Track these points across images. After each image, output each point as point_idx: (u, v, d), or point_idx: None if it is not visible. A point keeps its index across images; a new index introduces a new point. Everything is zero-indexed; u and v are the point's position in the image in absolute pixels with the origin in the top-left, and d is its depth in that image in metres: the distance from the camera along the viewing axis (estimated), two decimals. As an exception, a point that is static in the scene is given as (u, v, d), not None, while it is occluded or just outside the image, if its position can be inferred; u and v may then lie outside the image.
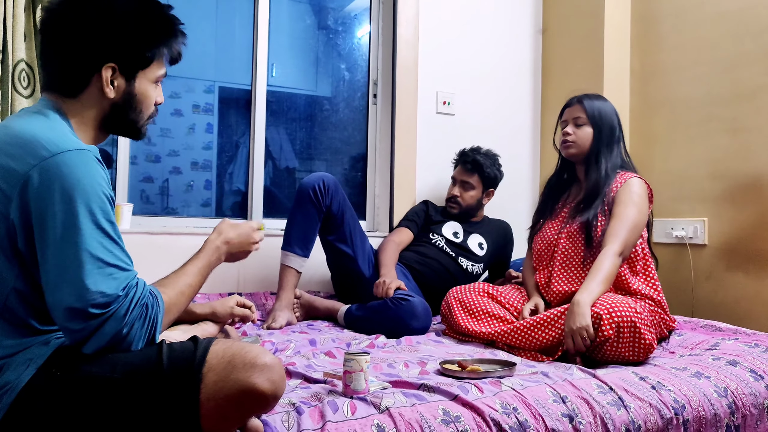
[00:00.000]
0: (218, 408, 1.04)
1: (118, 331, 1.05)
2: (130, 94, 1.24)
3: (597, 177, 2.17)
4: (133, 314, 1.07)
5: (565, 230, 2.20)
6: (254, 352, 1.07)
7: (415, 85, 3.12)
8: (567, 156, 2.26)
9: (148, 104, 1.28)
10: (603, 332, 1.78)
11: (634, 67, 3.15)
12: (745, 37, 2.66)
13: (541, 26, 3.49)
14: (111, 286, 1.04)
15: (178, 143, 4.31)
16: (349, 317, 2.38)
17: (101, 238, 1.05)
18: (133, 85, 1.24)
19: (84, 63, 1.19)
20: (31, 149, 1.06)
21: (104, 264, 1.05)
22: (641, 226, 2.09)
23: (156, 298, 1.14)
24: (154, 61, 1.25)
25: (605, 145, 2.20)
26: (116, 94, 1.22)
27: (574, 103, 2.27)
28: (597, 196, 2.14)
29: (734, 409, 1.62)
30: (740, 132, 2.67)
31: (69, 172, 1.04)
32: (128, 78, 1.23)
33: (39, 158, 1.04)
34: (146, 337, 1.11)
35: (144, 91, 1.26)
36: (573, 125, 2.24)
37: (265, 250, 2.72)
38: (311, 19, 3.60)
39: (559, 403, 1.42)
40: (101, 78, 1.19)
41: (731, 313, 2.62)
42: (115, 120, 1.25)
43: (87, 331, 1.04)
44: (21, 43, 2.18)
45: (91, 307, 1.02)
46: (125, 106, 1.25)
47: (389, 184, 3.09)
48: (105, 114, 1.24)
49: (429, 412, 1.28)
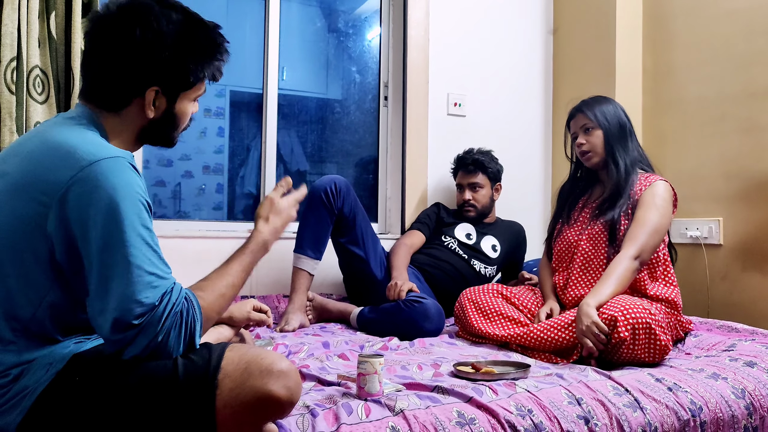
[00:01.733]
0: (234, 415, 1.04)
1: (152, 339, 1.04)
2: (171, 113, 1.25)
3: (618, 175, 2.15)
4: (167, 323, 1.06)
5: (587, 232, 2.18)
6: (270, 359, 1.07)
7: (425, 86, 3.12)
8: (591, 166, 2.24)
9: (185, 120, 1.30)
10: (618, 334, 1.77)
11: (646, 66, 3.13)
12: (759, 35, 2.64)
13: (552, 26, 3.48)
14: (150, 295, 1.04)
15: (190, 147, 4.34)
16: (362, 319, 2.38)
17: (141, 245, 1.05)
18: (175, 106, 1.25)
19: (129, 85, 1.19)
20: (69, 160, 1.06)
21: (145, 273, 1.04)
22: (663, 230, 2.06)
23: (192, 304, 1.12)
24: (198, 83, 1.26)
25: (618, 142, 2.18)
26: (156, 113, 1.23)
27: (576, 113, 2.26)
28: (621, 195, 2.12)
29: (752, 410, 1.60)
30: (754, 131, 2.64)
31: (106, 180, 1.04)
32: (170, 99, 1.24)
33: (76, 169, 1.05)
34: (184, 344, 1.09)
35: (184, 110, 1.28)
36: (583, 134, 2.22)
37: (278, 253, 2.73)
38: (321, 22, 3.61)
39: (575, 405, 1.41)
40: (144, 99, 1.20)
41: (747, 313, 2.59)
42: (151, 134, 1.27)
43: (125, 341, 1.03)
44: (35, 49, 2.20)
45: (134, 318, 1.02)
46: (164, 124, 1.26)
47: (401, 186, 3.09)
48: (143, 129, 1.25)
49: (443, 414, 1.28)
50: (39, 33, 2.22)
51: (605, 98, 2.28)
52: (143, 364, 1.07)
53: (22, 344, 1.08)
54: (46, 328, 1.09)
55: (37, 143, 1.13)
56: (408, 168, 3.06)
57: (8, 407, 1.05)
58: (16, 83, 2.15)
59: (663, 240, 2.10)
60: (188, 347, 1.10)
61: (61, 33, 2.28)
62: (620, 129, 2.20)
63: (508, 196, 3.11)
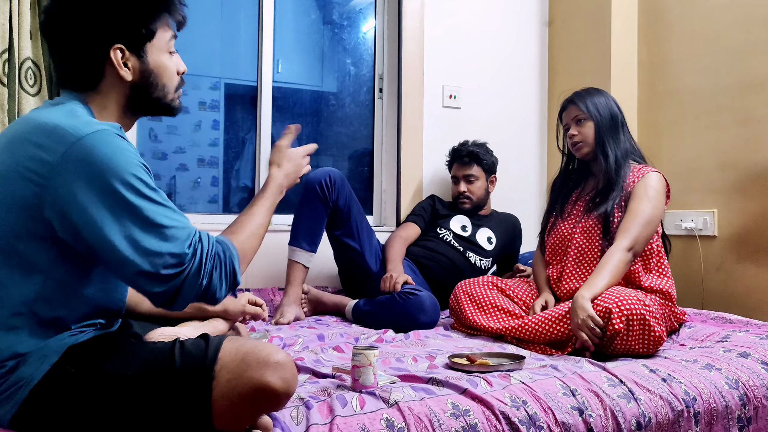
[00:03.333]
0: (231, 406, 1.04)
1: (198, 285, 1.08)
2: (147, 70, 1.21)
3: (608, 167, 2.15)
4: (208, 266, 1.09)
5: (580, 225, 2.18)
6: (267, 350, 1.07)
7: (420, 78, 3.11)
8: (581, 157, 2.24)
9: (170, 75, 1.26)
10: (613, 326, 1.77)
11: (641, 58, 3.13)
12: (754, 26, 2.64)
13: (548, 18, 3.47)
14: (175, 246, 1.06)
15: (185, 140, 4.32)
16: (357, 312, 2.38)
17: (149, 205, 1.05)
18: (147, 61, 1.21)
19: (92, 52, 1.17)
20: (57, 137, 1.05)
21: (160, 227, 1.05)
22: (656, 221, 2.07)
23: (226, 245, 1.15)
24: (158, 30, 1.22)
25: (609, 133, 2.18)
26: (133, 75, 1.20)
27: (568, 104, 2.26)
28: (613, 188, 2.13)
29: (746, 401, 1.61)
30: (749, 122, 2.64)
31: (97, 153, 1.03)
32: (139, 55, 1.20)
33: (66, 144, 1.04)
34: (227, 283, 1.13)
35: (159, 63, 1.23)
36: (575, 125, 2.22)
37: (273, 245, 2.73)
38: (316, 14, 3.59)
39: (569, 396, 1.41)
40: (113, 63, 1.17)
41: (742, 304, 2.60)
42: (140, 101, 1.24)
43: (170, 293, 1.06)
44: (27, 41, 2.18)
45: (163, 269, 1.04)
46: (146, 85, 1.22)
47: (396, 178, 3.08)
48: (128, 97, 1.22)
49: (438, 406, 1.28)
50: (31, 25, 2.20)
51: (597, 90, 2.28)
52: (140, 356, 1.07)
53: (19, 332, 1.07)
54: (50, 312, 1.08)
55: (22, 125, 1.12)
56: (403, 160, 3.06)
57: (2, 399, 1.05)
58: (8, 76, 2.14)
59: (656, 231, 2.10)
60: (231, 286, 1.15)
61: (53, 25, 2.26)
62: (612, 121, 2.20)
63: (504, 188, 3.11)
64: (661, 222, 2.15)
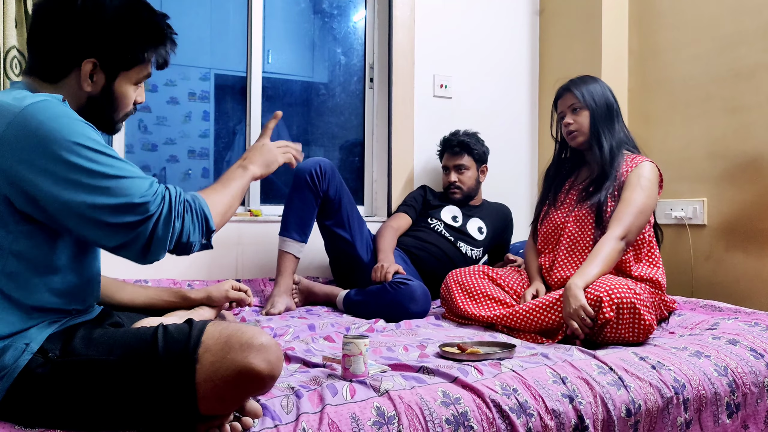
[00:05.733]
0: (215, 389, 1.04)
1: (171, 229, 1.10)
2: (109, 91, 1.23)
3: (603, 156, 2.15)
4: (179, 209, 1.12)
5: (573, 214, 2.18)
6: (250, 333, 1.07)
7: (411, 68, 3.10)
8: (576, 146, 2.24)
9: (126, 103, 1.28)
10: (603, 314, 1.78)
11: (632, 47, 3.13)
12: (744, 15, 2.64)
13: (539, 7, 3.46)
14: (135, 194, 1.07)
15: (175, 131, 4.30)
16: (348, 302, 2.38)
17: (98, 163, 1.05)
18: (113, 84, 1.23)
19: (66, 53, 1.19)
20: (1, 112, 1.05)
21: (114, 178, 1.06)
22: (649, 210, 2.07)
23: (194, 195, 1.19)
24: (139, 64, 1.25)
25: (604, 123, 2.18)
26: (93, 89, 1.22)
27: (564, 92, 2.24)
28: (607, 177, 2.13)
29: (734, 387, 1.62)
30: (739, 111, 2.65)
31: (39, 121, 1.04)
32: (109, 76, 1.22)
33: (10, 117, 1.04)
34: (200, 228, 1.17)
35: (123, 92, 1.25)
36: (570, 113, 2.21)
37: (263, 236, 2.73)
38: (306, 3, 3.57)
39: (559, 383, 1.42)
40: (80, 71, 1.19)
41: (731, 292, 2.62)
42: (89, 112, 1.24)
43: (143, 241, 1.07)
44: (12, 30, 2.15)
45: (128, 218, 1.05)
46: (102, 102, 1.24)
47: (387, 168, 3.07)
48: (80, 105, 1.23)
49: (429, 394, 1.28)
50: (16, 13, 2.17)
51: (593, 78, 2.27)
52: (123, 341, 1.06)
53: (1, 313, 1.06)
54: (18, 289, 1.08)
55: None
56: (394, 150, 3.05)
57: None
58: (-8, 65, 2.11)
59: (648, 221, 2.10)
60: (205, 232, 1.18)
61: (39, 13, 2.24)
62: (607, 110, 2.20)
63: (495, 178, 3.11)
64: (653, 212, 2.16)
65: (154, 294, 1.60)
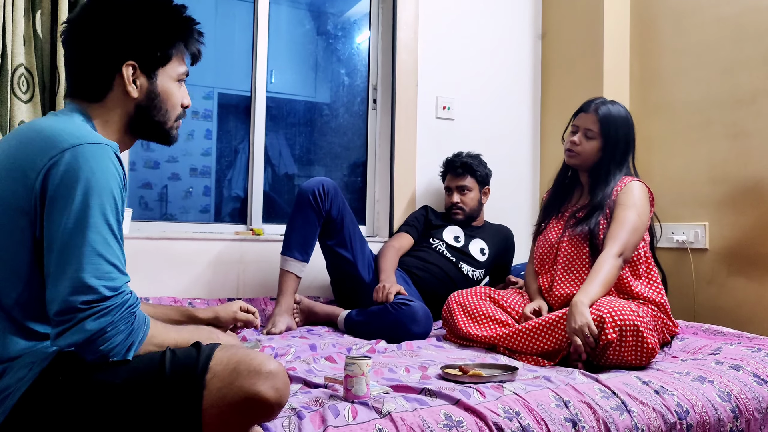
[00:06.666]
0: (221, 415, 1.03)
1: (102, 328, 1.01)
2: (154, 92, 1.25)
3: (604, 193, 2.15)
4: (123, 315, 1.04)
5: (567, 234, 2.19)
6: (259, 359, 1.06)
7: (414, 90, 3.12)
8: (568, 163, 2.26)
9: (173, 103, 1.29)
10: (606, 335, 1.77)
11: (633, 71, 3.15)
12: (745, 42, 2.66)
13: (541, 31, 3.50)
14: (105, 285, 1.02)
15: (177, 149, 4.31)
16: (349, 322, 2.37)
17: (107, 235, 1.05)
18: (156, 84, 1.25)
19: (104, 63, 1.21)
20: (54, 142, 1.06)
21: (105, 261, 1.03)
22: (642, 228, 2.09)
23: (145, 318, 1.11)
24: (173, 57, 1.27)
25: (617, 161, 2.18)
26: (139, 93, 1.23)
27: (590, 111, 2.20)
28: (600, 207, 2.14)
29: (738, 413, 1.61)
30: (740, 136, 2.67)
31: (86, 164, 1.04)
32: (149, 76, 1.24)
33: (60, 149, 1.05)
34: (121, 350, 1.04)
35: (167, 90, 1.27)
36: (582, 135, 2.20)
37: (265, 255, 2.73)
38: (310, 24, 3.61)
39: (562, 407, 1.41)
40: (123, 78, 1.21)
41: (733, 317, 2.61)
42: (141, 122, 1.26)
43: (70, 323, 1.00)
44: (20, 47, 2.17)
45: (81, 303, 1.00)
46: (149, 106, 1.25)
47: (389, 189, 3.08)
48: (130, 116, 1.25)
49: (431, 416, 1.27)
50: (24, 31, 2.19)
51: (624, 110, 2.23)
52: (130, 364, 1.06)
53: (6, 336, 1.06)
54: (29, 318, 1.07)
55: (24, 131, 1.14)
56: (396, 171, 3.06)
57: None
58: (0, 82, 2.13)
59: (643, 238, 2.11)
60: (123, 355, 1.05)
61: (47, 32, 2.26)
62: (625, 148, 2.19)
63: (497, 199, 3.11)
64: (649, 230, 2.16)
65: (162, 312, 1.59)
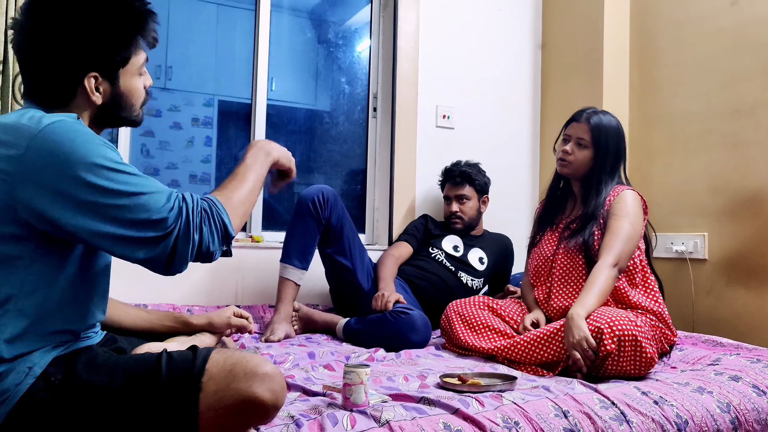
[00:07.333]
0: (218, 418, 1.03)
1: (191, 242, 1.08)
2: (117, 94, 1.22)
3: (596, 202, 2.16)
4: (196, 221, 1.09)
5: (562, 246, 2.19)
6: (255, 362, 1.06)
7: (414, 98, 3.13)
8: (561, 172, 2.26)
9: (138, 96, 1.27)
10: (605, 346, 1.77)
11: (633, 82, 3.16)
12: (744, 53, 2.67)
13: (541, 41, 3.51)
14: (154, 207, 1.06)
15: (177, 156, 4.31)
16: (348, 330, 2.37)
17: (117, 182, 1.05)
18: (118, 85, 1.22)
19: (65, 77, 1.17)
20: (19, 132, 1.05)
21: (134, 195, 1.05)
22: (636, 237, 2.09)
23: (211, 200, 1.15)
24: (132, 56, 1.23)
25: (608, 171, 2.18)
26: (103, 98, 1.21)
27: (582, 120, 2.20)
28: (594, 218, 2.14)
29: (737, 424, 1.60)
30: (739, 147, 2.67)
31: (58, 142, 1.04)
32: (111, 80, 1.21)
33: (28, 138, 1.04)
34: (219, 236, 1.13)
35: (130, 87, 1.24)
36: (574, 144, 2.20)
37: (264, 262, 2.72)
38: (311, 33, 3.62)
39: (561, 417, 1.40)
40: (86, 88, 1.18)
41: (732, 328, 2.61)
42: (106, 118, 1.25)
43: (165, 255, 1.06)
44: (22, 54, 2.18)
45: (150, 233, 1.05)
46: (114, 106, 1.23)
47: (389, 197, 3.08)
48: (93, 115, 1.23)
49: (429, 425, 1.27)
50: (26, 38, 2.20)
51: (615, 120, 2.24)
52: (126, 367, 1.05)
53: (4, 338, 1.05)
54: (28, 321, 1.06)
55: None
56: (396, 179, 3.06)
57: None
58: (1, 87, 2.13)
59: (638, 247, 2.11)
60: (224, 238, 1.14)
61: (49, 38, 2.26)
62: (615, 158, 2.20)
63: (496, 208, 3.12)
64: (644, 238, 2.16)
65: (156, 319, 1.60)
